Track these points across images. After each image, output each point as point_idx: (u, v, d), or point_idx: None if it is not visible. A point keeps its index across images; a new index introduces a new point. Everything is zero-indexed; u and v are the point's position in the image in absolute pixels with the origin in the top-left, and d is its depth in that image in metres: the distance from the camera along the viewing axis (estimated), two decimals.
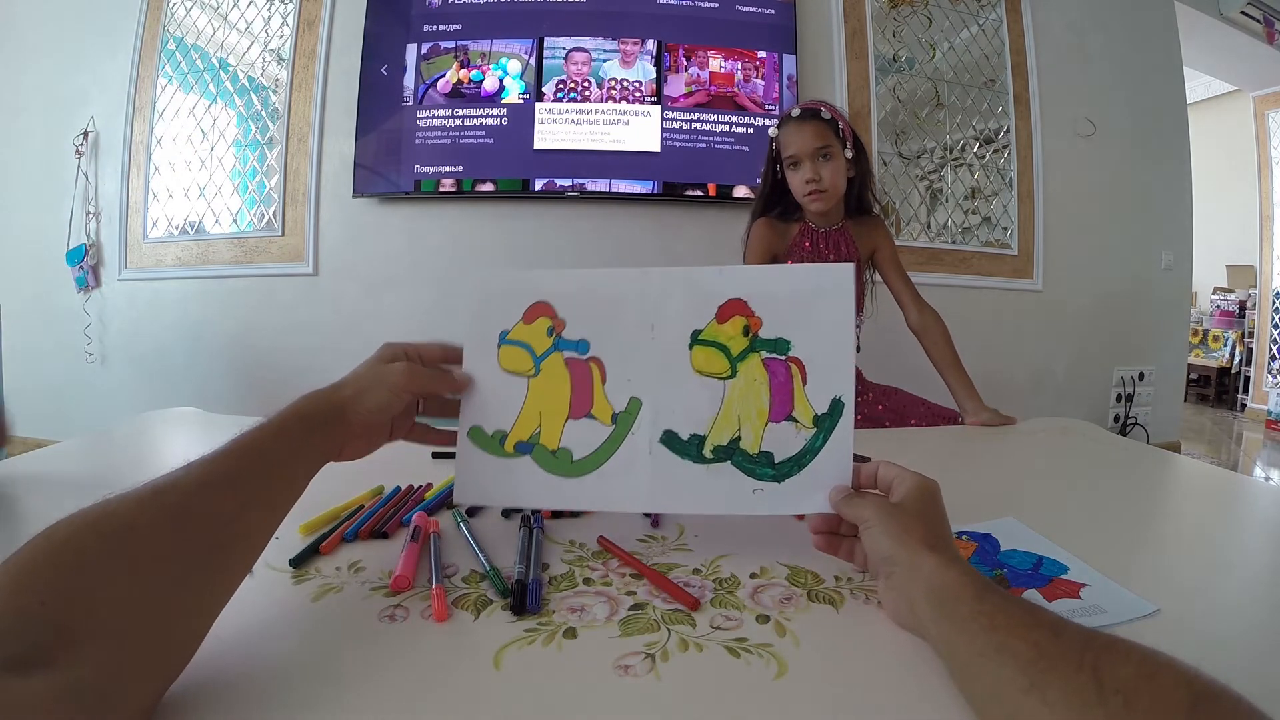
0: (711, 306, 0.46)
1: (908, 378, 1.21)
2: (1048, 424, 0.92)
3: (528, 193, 2.21)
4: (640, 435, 0.45)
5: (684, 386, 0.45)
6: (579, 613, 0.37)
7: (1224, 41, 3.18)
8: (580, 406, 0.46)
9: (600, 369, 0.46)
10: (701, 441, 0.44)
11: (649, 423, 0.45)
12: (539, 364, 0.47)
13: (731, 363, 0.45)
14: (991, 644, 0.28)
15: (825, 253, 1.16)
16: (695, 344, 0.46)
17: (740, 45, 2.27)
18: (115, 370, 2.45)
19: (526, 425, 0.46)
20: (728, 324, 0.45)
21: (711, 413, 0.45)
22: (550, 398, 0.46)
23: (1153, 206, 2.70)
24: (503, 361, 0.47)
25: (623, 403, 0.46)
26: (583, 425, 0.46)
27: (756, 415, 0.44)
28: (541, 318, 0.48)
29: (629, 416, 0.45)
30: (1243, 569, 0.48)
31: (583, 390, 0.46)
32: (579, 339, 0.47)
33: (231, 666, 0.32)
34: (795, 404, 0.44)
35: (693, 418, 0.45)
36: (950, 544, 0.37)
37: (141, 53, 2.39)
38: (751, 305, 0.45)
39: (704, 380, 0.45)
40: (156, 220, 2.40)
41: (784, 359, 0.45)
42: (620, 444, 0.45)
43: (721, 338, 0.45)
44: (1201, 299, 4.66)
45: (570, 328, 0.47)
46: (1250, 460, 3.23)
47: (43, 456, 0.69)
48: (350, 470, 0.61)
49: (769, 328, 0.45)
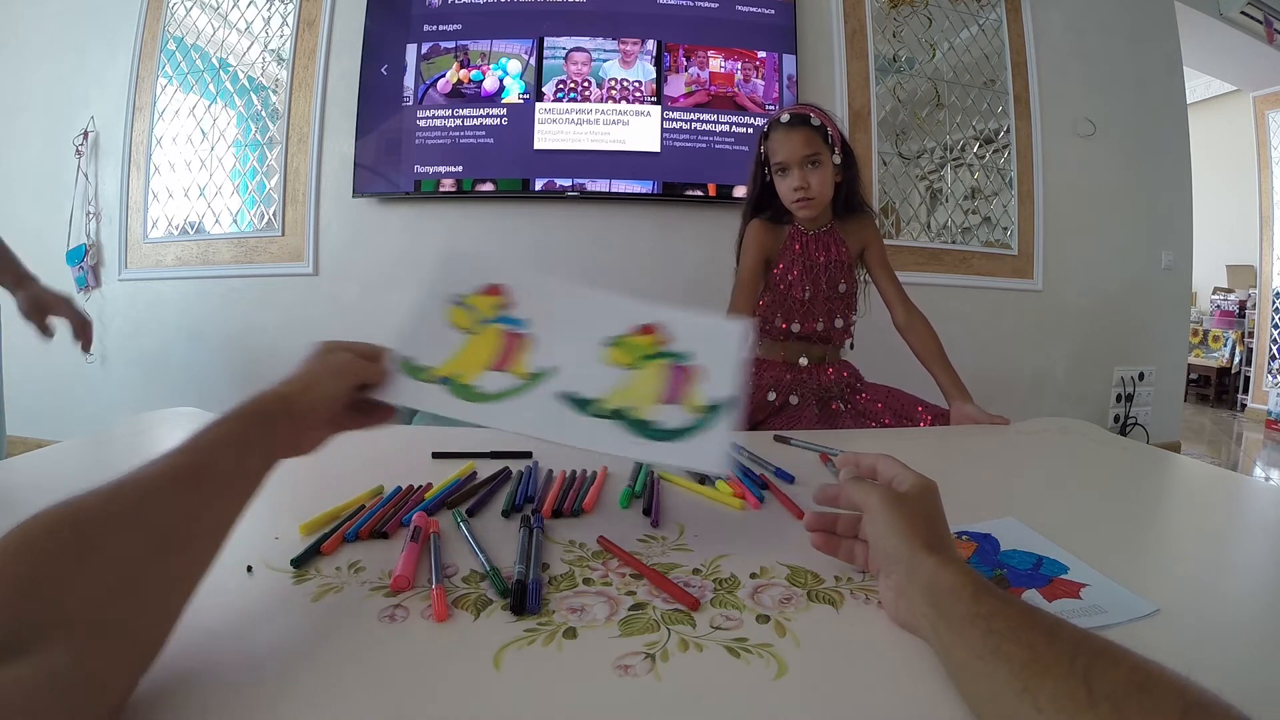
0: (633, 325, 0.57)
1: (903, 377, 1.21)
2: (1047, 424, 0.92)
3: (528, 193, 2.21)
4: (543, 390, 0.53)
5: (591, 367, 0.54)
6: (579, 613, 0.37)
7: (1224, 41, 3.18)
8: (502, 364, 0.54)
9: (529, 343, 0.55)
10: (594, 403, 0.52)
11: (552, 383, 0.53)
12: (481, 326, 0.55)
13: (638, 360, 0.55)
14: (987, 647, 0.28)
15: (815, 254, 1.16)
16: (612, 344, 0.56)
17: (740, 45, 2.27)
18: (115, 370, 2.45)
19: (452, 367, 0.53)
20: (644, 337, 0.57)
21: (608, 387, 0.53)
22: (479, 352, 0.54)
23: (1153, 206, 2.70)
24: (451, 316, 0.55)
25: (536, 369, 0.54)
26: (497, 376, 0.53)
27: (648, 397, 0.53)
28: (496, 295, 0.57)
29: (539, 377, 0.53)
30: (1243, 569, 0.48)
31: (509, 353, 0.54)
32: (522, 318, 0.56)
33: (232, 666, 0.32)
34: (685, 396, 0.53)
35: (590, 388, 0.53)
36: (949, 544, 0.38)
37: (141, 53, 2.39)
38: (663, 330, 0.57)
39: (609, 368, 0.55)
40: (156, 220, 2.41)
41: (685, 366, 0.55)
42: (525, 392, 0.52)
43: (633, 344, 0.56)
44: (1201, 299, 4.66)
45: (518, 309, 0.57)
46: (1250, 460, 3.23)
47: (43, 456, 0.69)
48: (350, 470, 0.61)
49: (679, 344, 0.57)
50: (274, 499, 0.57)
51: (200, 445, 0.36)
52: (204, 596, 0.39)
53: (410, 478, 0.60)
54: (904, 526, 0.37)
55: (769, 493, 0.59)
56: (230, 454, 0.37)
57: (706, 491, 0.59)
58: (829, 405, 1.17)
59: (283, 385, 0.43)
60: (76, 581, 0.26)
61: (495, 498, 0.57)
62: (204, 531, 0.34)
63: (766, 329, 1.21)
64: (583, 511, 0.54)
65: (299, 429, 0.43)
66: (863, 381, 1.22)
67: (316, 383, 0.44)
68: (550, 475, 0.62)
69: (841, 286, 1.17)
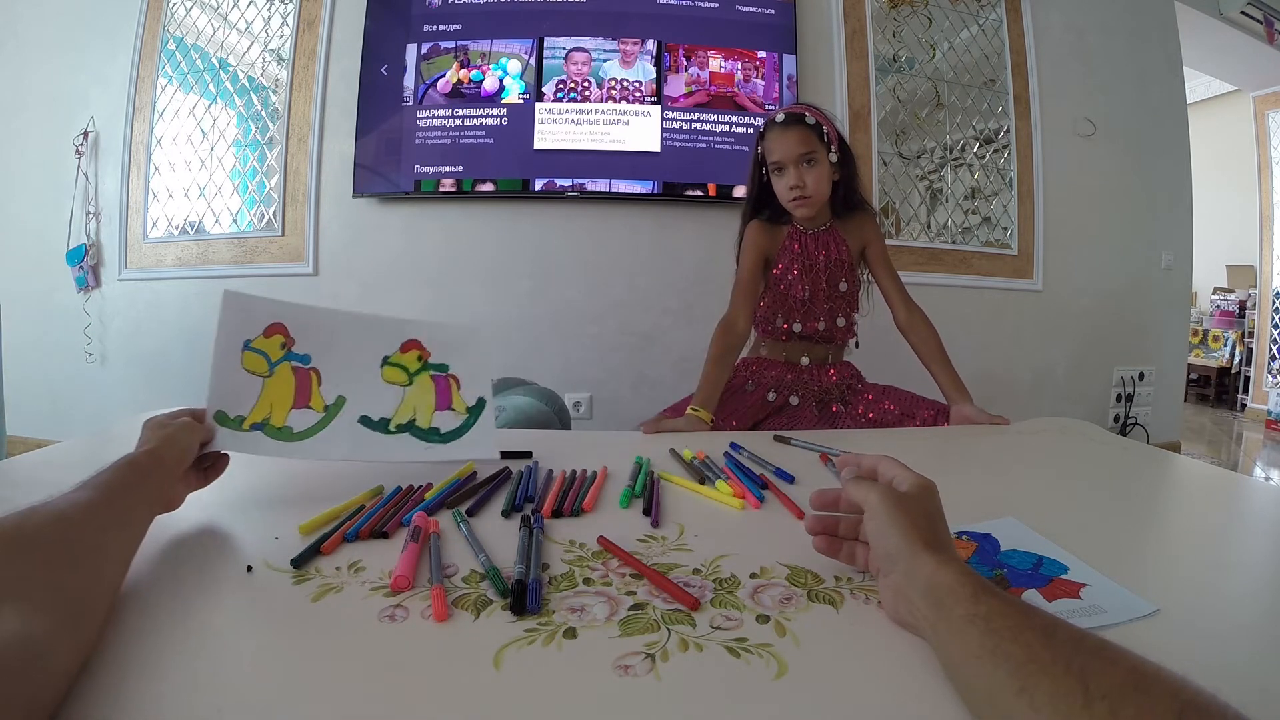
0: (397, 342, 0.68)
1: (904, 377, 1.21)
2: (1048, 424, 0.92)
3: (528, 193, 2.21)
4: (344, 418, 0.63)
5: (376, 390, 0.65)
6: (579, 613, 0.37)
7: (1224, 41, 3.18)
8: (301, 400, 0.62)
9: (317, 376, 0.63)
10: (388, 421, 0.65)
11: (350, 411, 0.63)
12: (273, 368, 0.62)
13: (410, 376, 0.67)
14: (986, 646, 0.28)
15: (815, 253, 1.16)
16: (385, 364, 0.66)
17: (740, 45, 2.26)
18: (115, 370, 2.45)
19: (260, 412, 0.60)
20: (408, 353, 0.68)
21: (394, 405, 0.65)
22: (279, 393, 0.61)
23: (1153, 206, 2.70)
24: (245, 363, 0.61)
25: (332, 399, 0.63)
26: (302, 413, 0.62)
27: (426, 407, 0.66)
28: (277, 335, 0.63)
29: (335, 408, 0.63)
30: (1243, 569, 0.48)
31: (303, 389, 0.62)
32: (304, 353, 0.63)
33: (232, 666, 0.32)
34: (453, 401, 0.68)
35: (380, 408, 0.65)
36: (949, 544, 0.38)
37: (141, 53, 2.39)
38: (424, 343, 0.68)
39: (390, 387, 0.66)
40: (156, 220, 2.40)
41: (445, 375, 0.68)
42: (329, 424, 0.62)
43: (403, 362, 0.67)
44: (1201, 299, 4.66)
45: (299, 345, 0.63)
46: (1250, 460, 3.23)
47: (42, 456, 0.69)
48: (350, 470, 0.61)
49: (435, 357, 0.68)
50: (274, 499, 0.57)
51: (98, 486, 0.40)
52: (205, 596, 0.39)
53: (410, 478, 0.60)
54: (904, 525, 0.37)
55: (769, 493, 0.59)
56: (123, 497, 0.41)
57: (706, 491, 0.59)
58: (829, 407, 1.17)
59: (145, 446, 0.48)
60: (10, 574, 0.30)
61: (495, 498, 0.57)
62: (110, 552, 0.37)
63: (768, 329, 1.21)
64: (583, 511, 0.54)
65: (169, 481, 0.48)
66: (863, 382, 1.22)
67: (173, 439, 0.50)
68: (550, 475, 0.63)
69: (842, 285, 1.17)
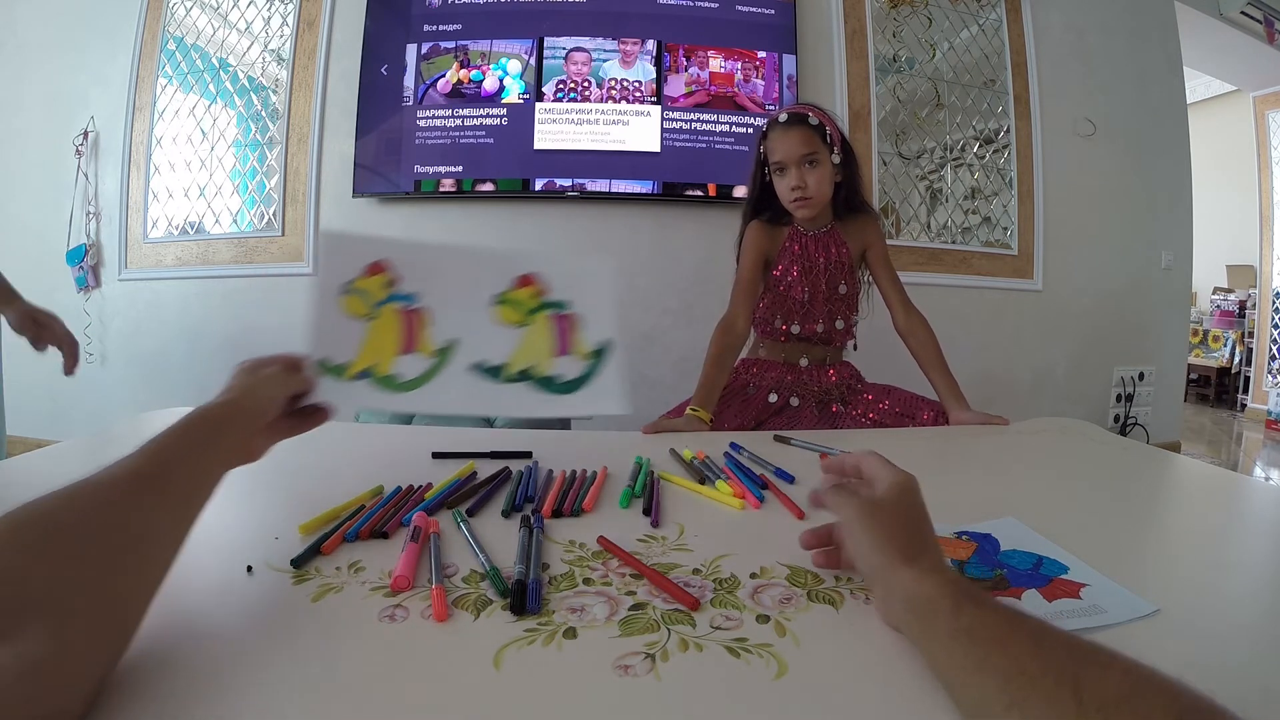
0: (511, 276, 0.61)
1: (903, 379, 1.20)
2: (1047, 424, 0.92)
3: (528, 193, 2.21)
4: (456, 364, 0.57)
5: (490, 331, 0.59)
6: (579, 613, 0.37)
7: (1224, 41, 3.18)
8: (408, 345, 0.57)
9: (425, 317, 0.58)
10: (503, 369, 0.58)
11: (463, 356, 0.58)
12: (377, 310, 0.57)
13: (526, 315, 0.60)
14: (972, 659, 0.28)
15: (815, 255, 1.16)
16: (499, 303, 0.60)
17: (740, 45, 2.26)
18: (115, 370, 2.45)
19: (365, 359, 0.56)
20: (524, 289, 0.61)
21: (510, 350, 0.59)
22: (384, 337, 0.57)
23: (1153, 206, 2.70)
24: (346, 307, 0.57)
25: (442, 342, 0.58)
26: (410, 359, 0.56)
27: (544, 352, 0.60)
28: (380, 274, 0.58)
29: (446, 352, 0.58)
30: (1243, 569, 0.48)
31: (410, 332, 0.57)
32: (409, 293, 0.58)
33: (232, 666, 0.32)
34: (574, 344, 0.61)
35: (495, 353, 0.58)
36: (929, 547, 0.37)
37: (141, 53, 2.39)
38: (541, 278, 0.61)
39: (504, 328, 0.60)
40: (156, 220, 2.40)
41: (565, 314, 0.61)
42: (440, 371, 0.57)
43: (518, 299, 0.60)
44: (1201, 299, 4.66)
45: (403, 284, 0.58)
46: (1250, 460, 3.23)
47: (42, 456, 0.69)
48: (350, 470, 0.61)
49: (553, 293, 0.61)
50: (274, 499, 0.57)
51: (155, 452, 0.37)
52: (204, 596, 0.39)
53: (410, 478, 0.60)
54: (880, 539, 0.36)
55: (769, 493, 0.59)
56: (184, 462, 0.39)
57: (706, 491, 0.59)
58: (829, 407, 1.17)
59: (226, 395, 0.45)
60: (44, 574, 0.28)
61: (495, 498, 0.57)
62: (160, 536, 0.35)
63: (767, 330, 1.21)
64: (583, 511, 0.54)
65: (247, 434, 0.45)
66: (863, 382, 1.22)
67: (257, 389, 0.47)
68: (550, 475, 0.62)
69: (842, 288, 1.17)
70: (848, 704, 0.30)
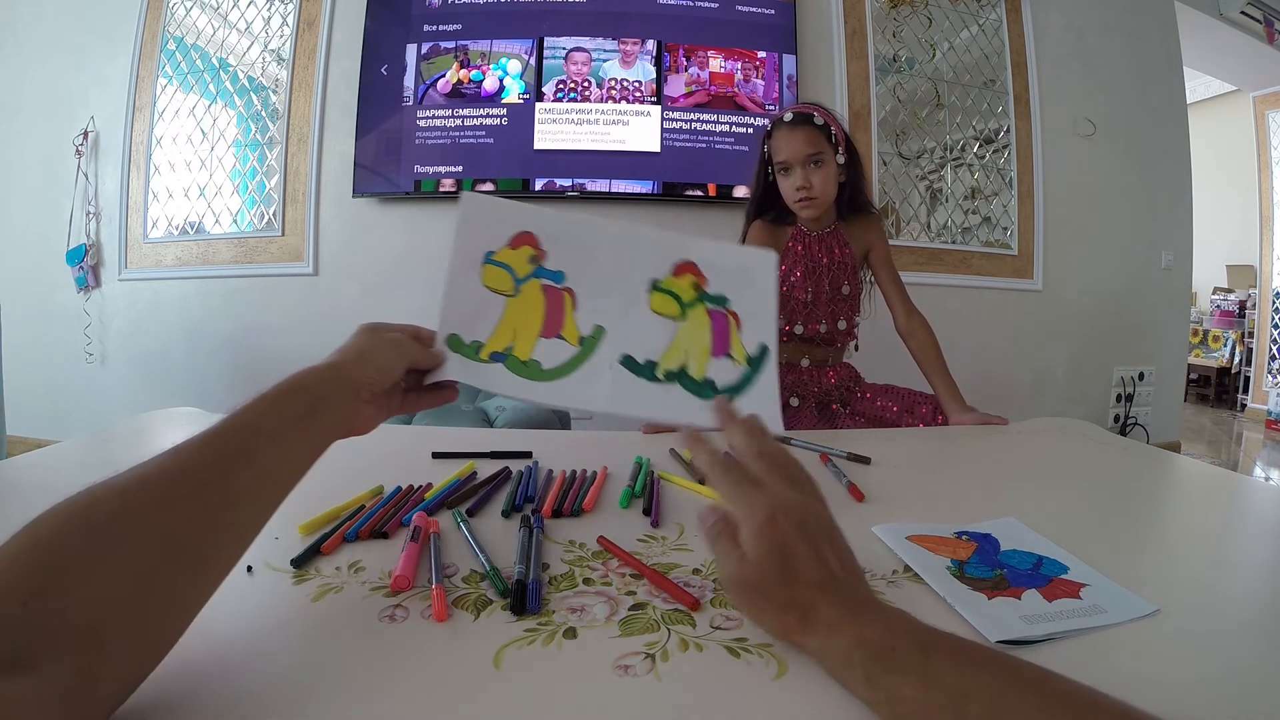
0: (670, 263, 0.54)
1: (904, 378, 1.21)
2: (1047, 424, 0.92)
3: (528, 193, 2.21)
4: (602, 356, 0.51)
5: (642, 321, 0.52)
6: (579, 613, 0.37)
7: (1224, 41, 3.18)
8: (551, 328, 0.51)
9: (572, 298, 0.52)
10: (655, 365, 0.51)
11: (610, 346, 0.51)
12: (519, 286, 0.52)
13: (683, 308, 0.54)
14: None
15: (818, 255, 1.16)
16: (654, 290, 0.54)
17: (740, 45, 2.27)
18: (115, 370, 2.45)
19: (501, 339, 0.50)
20: (682, 278, 0.54)
21: (664, 345, 0.52)
22: (525, 317, 0.51)
23: (1153, 206, 2.70)
24: (485, 279, 0.52)
25: (589, 329, 0.52)
26: (552, 344, 0.51)
27: (701, 351, 0.53)
28: (525, 246, 0.53)
29: (593, 340, 0.51)
30: (1243, 569, 0.48)
31: (555, 314, 0.52)
32: (556, 270, 0.53)
33: (232, 666, 0.32)
34: (732, 346, 0.53)
35: (648, 347, 0.52)
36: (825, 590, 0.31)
37: (141, 53, 2.39)
38: (700, 268, 0.55)
39: (659, 319, 0.53)
40: (156, 220, 2.41)
41: (724, 311, 0.54)
42: (585, 361, 0.51)
43: (676, 288, 0.54)
44: (1201, 299, 4.66)
45: (550, 259, 0.53)
46: (1250, 460, 3.23)
47: (42, 456, 0.69)
48: (350, 470, 0.61)
49: (712, 286, 0.55)
50: None
51: (237, 430, 0.33)
52: None
53: (410, 478, 0.60)
54: (759, 615, 0.33)
55: None
56: (274, 440, 0.34)
57: (707, 491, 0.59)
58: (828, 407, 1.17)
59: (332, 358, 0.41)
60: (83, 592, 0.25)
61: (495, 498, 0.57)
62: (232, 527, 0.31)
63: None
64: (583, 511, 0.54)
65: (354, 403, 0.40)
66: (861, 383, 1.22)
67: (372, 353, 0.42)
68: (550, 475, 0.62)
69: (845, 288, 1.17)
70: (848, 704, 0.30)
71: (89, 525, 0.26)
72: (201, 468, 0.31)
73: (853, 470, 0.66)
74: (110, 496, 0.28)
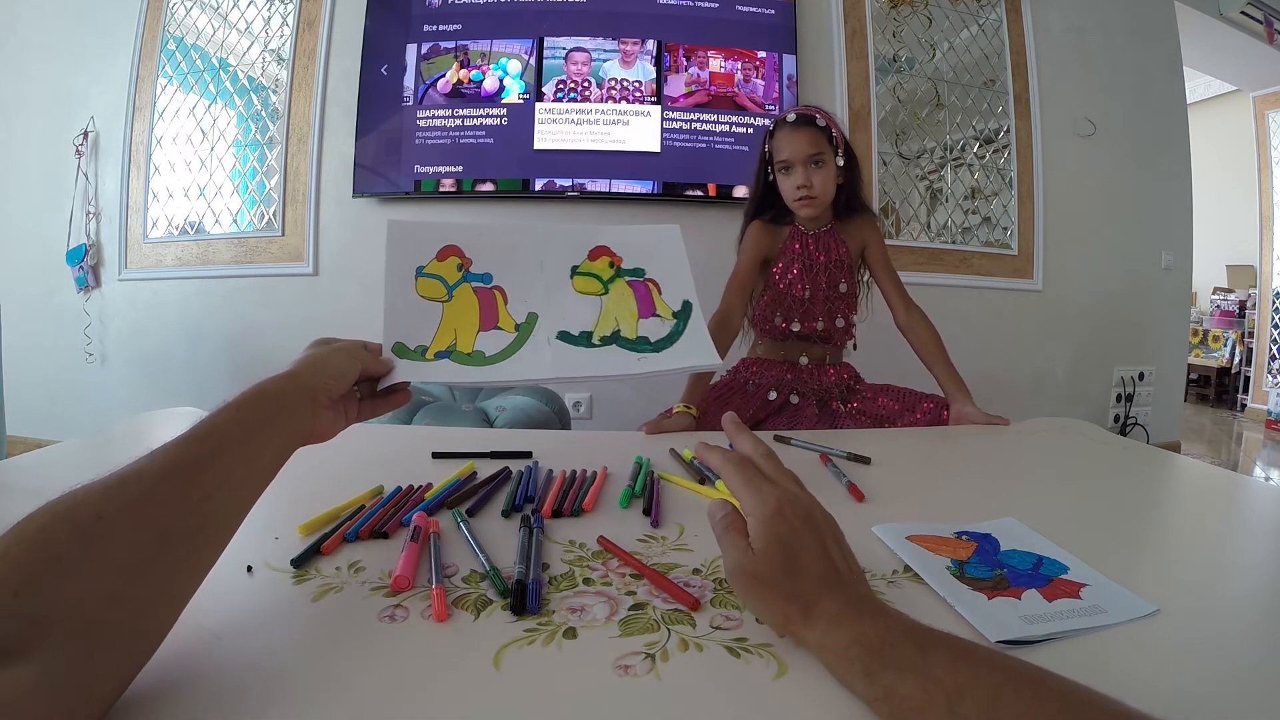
0: (584, 250, 0.61)
1: (904, 379, 1.21)
2: (1047, 424, 0.92)
3: (528, 193, 2.21)
4: (539, 335, 0.56)
5: (570, 302, 0.58)
6: (579, 613, 0.37)
7: (1224, 41, 3.18)
8: (488, 322, 0.56)
9: (503, 294, 0.58)
10: (589, 335, 0.57)
11: (545, 327, 0.57)
12: (452, 291, 0.57)
13: (604, 285, 0.60)
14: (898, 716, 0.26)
15: (815, 253, 1.16)
16: (575, 275, 0.60)
17: (740, 45, 2.26)
18: (115, 370, 2.45)
19: (444, 339, 0.55)
20: (598, 261, 0.61)
21: (594, 317, 0.58)
22: (462, 317, 0.56)
23: (1153, 206, 2.70)
24: (420, 290, 0.56)
25: (523, 316, 0.57)
26: (491, 335, 0.55)
27: (629, 315, 0.59)
28: (452, 256, 0.58)
29: (529, 325, 0.57)
30: (1243, 569, 0.48)
31: (489, 310, 0.57)
32: (484, 273, 0.58)
33: (232, 666, 0.32)
34: (657, 306, 0.60)
35: (580, 321, 0.57)
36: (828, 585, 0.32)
37: (141, 53, 2.39)
38: (613, 249, 0.62)
39: (585, 298, 0.59)
40: (156, 220, 2.40)
41: (642, 280, 0.61)
42: (525, 343, 0.56)
43: (594, 269, 0.61)
44: (1201, 299, 4.66)
45: (476, 264, 0.59)
46: (1250, 460, 3.23)
47: (42, 456, 0.69)
48: (350, 470, 0.61)
49: (628, 262, 0.62)
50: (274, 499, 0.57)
51: (207, 434, 0.35)
52: (204, 597, 0.39)
53: (410, 478, 0.60)
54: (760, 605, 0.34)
55: None
56: (241, 444, 0.36)
57: (706, 491, 0.59)
58: (829, 405, 1.17)
59: (289, 367, 0.43)
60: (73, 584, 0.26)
61: (495, 498, 0.57)
62: (209, 525, 0.33)
63: (767, 328, 1.21)
64: (583, 511, 0.54)
65: (312, 407, 0.42)
66: (861, 382, 1.22)
67: (324, 361, 0.44)
68: (550, 475, 0.62)
69: (842, 286, 1.18)
70: (847, 704, 0.30)
71: (75, 524, 0.27)
72: (178, 469, 0.32)
73: (853, 470, 0.66)
74: (94, 497, 0.29)
